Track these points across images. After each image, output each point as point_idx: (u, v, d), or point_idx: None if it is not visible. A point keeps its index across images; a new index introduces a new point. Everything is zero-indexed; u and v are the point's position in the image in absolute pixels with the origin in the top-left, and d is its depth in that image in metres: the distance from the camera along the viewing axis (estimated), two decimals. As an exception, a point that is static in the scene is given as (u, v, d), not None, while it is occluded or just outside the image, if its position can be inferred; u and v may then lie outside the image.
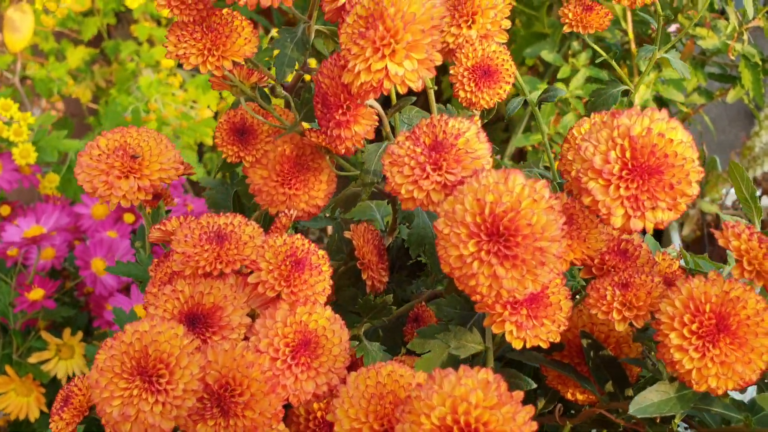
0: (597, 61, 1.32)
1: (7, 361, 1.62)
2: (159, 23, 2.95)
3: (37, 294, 1.52)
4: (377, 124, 0.78)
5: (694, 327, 0.66)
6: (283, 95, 0.88)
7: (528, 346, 0.72)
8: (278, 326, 0.73)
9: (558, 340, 0.73)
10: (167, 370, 0.66)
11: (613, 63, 1.10)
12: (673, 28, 2.29)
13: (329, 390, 0.74)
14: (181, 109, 2.35)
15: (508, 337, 0.72)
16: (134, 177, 0.85)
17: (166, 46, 0.81)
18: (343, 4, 0.82)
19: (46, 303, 1.52)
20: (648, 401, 0.69)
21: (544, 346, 0.73)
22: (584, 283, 0.88)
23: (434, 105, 0.82)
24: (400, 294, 1.10)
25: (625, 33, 2.17)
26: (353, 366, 0.80)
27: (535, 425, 0.63)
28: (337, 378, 0.74)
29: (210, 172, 2.41)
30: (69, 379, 1.66)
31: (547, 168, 1.11)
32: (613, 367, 0.81)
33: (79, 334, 1.62)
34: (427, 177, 0.71)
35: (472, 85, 0.89)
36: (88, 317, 1.79)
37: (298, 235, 0.78)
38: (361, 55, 0.70)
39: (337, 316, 0.76)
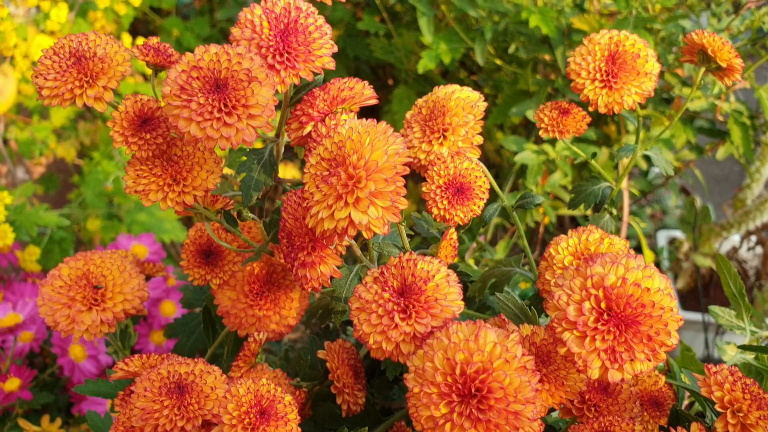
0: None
1: (-18, 453, 1.58)
2: (145, 78, 2.94)
3: (12, 384, 1.48)
4: (341, 262, 0.75)
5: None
6: (250, 217, 0.85)
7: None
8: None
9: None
10: None
11: (593, 164, 1.07)
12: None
13: None
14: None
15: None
16: (97, 310, 0.82)
17: (125, 180, 0.78)
18: (309, 132, 0.80)
19: (22, 394, 1.48)
20: None
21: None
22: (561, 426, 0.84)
23: (405, 240, 0.79)
24: (381, 401, 1.07)
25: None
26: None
27: None
28: None
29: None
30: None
31: (529, 267, 1.08)
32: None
33: (58, 421, 1.58)
34: (396, 327, 0.68)
35: (445, 202, 0.86)
36: (68, 399, 1.75)
37: (264, 380, 0.75)
38: (324, 201, 0.67)
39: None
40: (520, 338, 0.67)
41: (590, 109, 0.95)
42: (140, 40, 2.48)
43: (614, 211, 1.09)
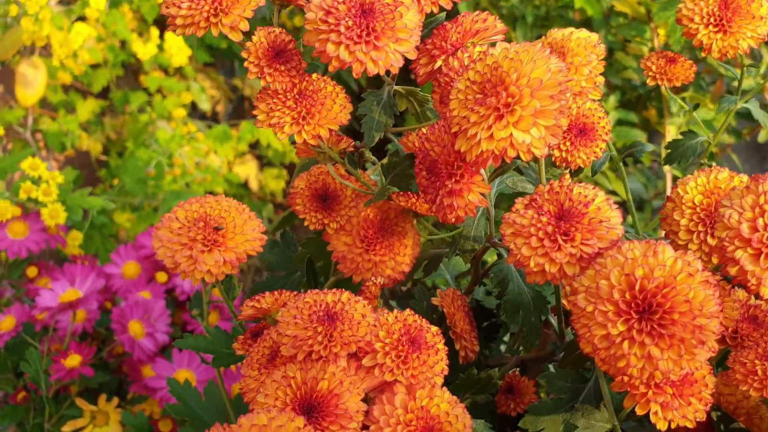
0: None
1: (39, 430, 1.55)
2: (167, 73, 2.92)
3: (74, 360, 1.45)
4: (490, 190, 0.73)
5: None
6: (372, 159, 0.83)
7: (673, 426, 0.67)
8: (399, 413, 0.67)
9: (704, 419, 0.67)
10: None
11: (695, 116, 1.06)
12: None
13: (456, 481, 0.68)
14: (204, 162, 2.31)
15: (653, 418, 0.66)
16: (219, 250, 0.80)
17: (255, 115, 0.77)
18: (439, 67, 0.78)
19: (83, 370, 1.45)
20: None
21: (691, 426, 0.67)
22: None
23: (544, 172, 0.77)
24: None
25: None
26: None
27: None
28: (464, 469, 0.69)
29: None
30: (105, 448, 1.59)
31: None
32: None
33: (115, 400, 1.55)
34: (560, 249, 0.66)
35: (568, 144, 0.84)
36: (119, 382, 1.72)
37: (408, 311, 0.73)
38: (482, 123, 0.65)
39: (455, 398, 0.71)
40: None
41: (703, 54, 0.94)
42: None
43: (713, 164, 1.08)
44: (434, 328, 0.73)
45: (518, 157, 0.66)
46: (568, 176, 0.91)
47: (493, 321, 1.10)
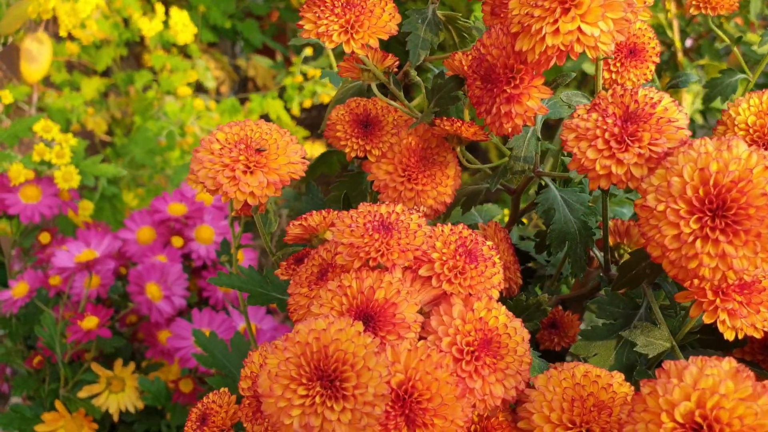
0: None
1: (54, 397, 1.52)
2: (169, 51, 2.89)
3: (91, 322, 1.42)
4: (550, 94, 0.71)
5: None
6: (417, 80, 0.81)
7: (740, 336, 0.65)
8: (457, 323, 0.65)
9: (771, 329, 0.65)
10: (353, 372, 0.58)
11: (735, 51, 1.03)
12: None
13: (517, 394, 0.65)
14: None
15: (720, 327, 0.64)
16: (262, 171, 0.77)
17: (302, 25, 0.74)
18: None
19: (101, 332, 1.42)
20: None
21: (758, 336, 0.65)
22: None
23: (600, 80, 0.74)
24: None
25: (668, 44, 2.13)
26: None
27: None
28: (524, 382, 0.66)
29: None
30: (121, 413, 1.56)
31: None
32: (805, 363, 0.73)
33: (131, 365, 1.52)
34: (627, 149, 0.63)
35: (618, 64, 0.82)
36: (132, 352, 1.69)
37: (462, 225, 0.71)
38: (548, 16, 0.63)
39: (510, 313, 0.68)
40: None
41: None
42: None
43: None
44: (489, 242, 0.70)
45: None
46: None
47: (528, 266, 1.08)
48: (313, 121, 3.08)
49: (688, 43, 2.26)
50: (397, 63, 0.82)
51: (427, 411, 0.61)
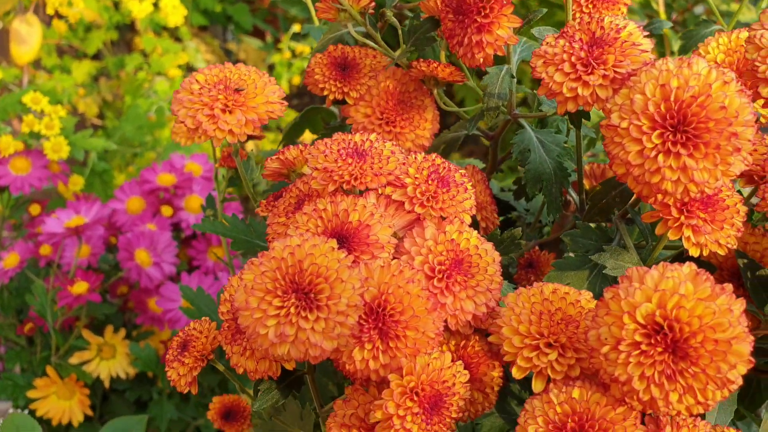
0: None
1: (46, 364, 1.53)
2: (159, 35, 2.90)
3: (81, 287, 1.44)
4: (520, 23, 0.72)
5: None
6: (393, 21, 0.83)
7: (705, 253, 0.67)
8: (429, 244, 0.67)
9: (735, 245, 0.67)
10: (327, 284, 0.60)
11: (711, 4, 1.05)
12: (700, 8, 2.28)
13: (488, 311, 0.67)
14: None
15: (685, 244, 0.66)
16: (240, 110, 0.79)
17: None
18: None
19: (91, 296, 1.44)
20: None
21: (722, 252, 0.67)
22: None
23: (570, 13, 0.76)
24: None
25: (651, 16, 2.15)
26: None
27: (751, 337, 0.57)
28: (494, 299, 0.68)
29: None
30: (112, 380, 1.58)
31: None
32: (772, 288, 0.75)
33: (122, 332, 1.54)
34: (592, 72, 0.65)
35: (590, 6, 0.84)
36: (123, 321, 1.71)
37: (434, 154, 0.72)
38: (514, -57, 0.65)
39: (482, 237, 0.70)
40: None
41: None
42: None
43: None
44: (462, 171, 0.72)
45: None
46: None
47: (508, 216, 1.10)
48: (304, 106, 3.10)
49: (674, 17, 2.28)
50: (373, 5, 0.83)
51: (399, 323, 0.62)
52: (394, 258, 0.67)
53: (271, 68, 2.69)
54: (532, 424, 0.60)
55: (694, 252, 0.66)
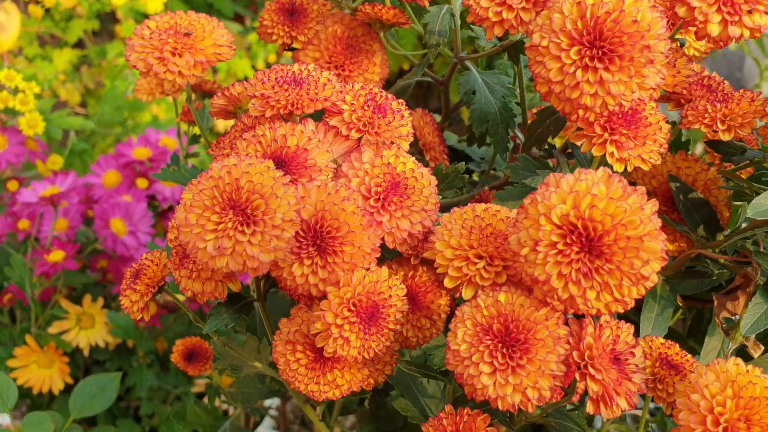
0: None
1: (26, 335, 1.56)
2: (139, 23, 2.92)
3: (57, 255, 1.47)
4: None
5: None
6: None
7: (629, 168, 0.70)
8: (366, 167, 0.70)
9: (659, 161, 0.70)
10: (263, 200, 0.63)
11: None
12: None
13: (424, 230, 0.70)
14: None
15: (609, 159, 0.69)
16: (189, 53, 0.82)
17: None
18: None
19: (67, 264, 1.47)
20: (764, 205, 0.66)
21: (645, 167, 0.70)
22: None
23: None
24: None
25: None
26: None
27: (663, 235, 0.60)
28: (430, 220, 0.71)
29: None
30: (93, 351, 1.61)
31: None
32: (703, 210, 0.78)
33: (100, 301, 1.57)
34: (516, -6, 0.68)
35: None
36: (103, 293, 1.73)
37: (372, 84, 0.75)
38: None
39: (419, 163, 0.73)
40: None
41: None
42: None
43: None
44: (400, 100, 0.75)
45: None
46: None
47: (467, 166, 1.12)
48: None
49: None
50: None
51: (336, 239, 0.65)
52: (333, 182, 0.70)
53: (249, 50, 2.71)
54: (461, 327, 0.63)
55: (618, 167, 0.69)
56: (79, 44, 2.91)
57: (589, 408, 0.61)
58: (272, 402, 1.41)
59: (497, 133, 0.91)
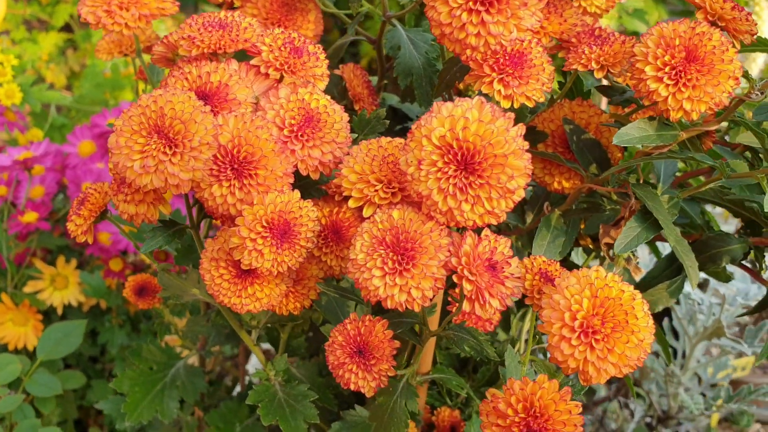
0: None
1: (1, 293, 1.64)
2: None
3: (30, 216, 1.55)
4: None
5: (666, 59, 0.73)
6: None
7: (516, 105, 0.78)
8: (282, 102, 0.78)
9: (543, 99, 0.79)
10: (183, 125, 0.71)
11: None
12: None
13: (334, 159, 0.79)
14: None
15: (496, 97, 0.77)
16: (135, 6, 0.90)
17: None
18: None
19: (40, 225, 1.55)
20: (630, 135, 0.75)
21: (530, 104, 0.78)
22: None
23: None
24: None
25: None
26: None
27: (527, 155, 0.68)
28: (341, 151, 0.79)
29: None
30: (68, 312, 1.69)
31: None
32: (595, 150, 0.87)
33: (74, 262, 1.65)
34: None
35: None
36: (79, 258, 1.81)
37: (291, 29, 0.84)
38: None
39: (333, 100, 0.82)
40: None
41: None
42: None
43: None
44: (318, 45, 0.83)
45: None
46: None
47: (405, 126, 1.21)
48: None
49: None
50: None
51: (251, 163, 0.74)
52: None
53: (196, 9, 2.79)
54: (359, 240, 0.72)
55: (505, 104, 0.78)
56: (66, 29, 2.99)
57: (465, 306, 0.69)
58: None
59: (421, 86, 0.99)
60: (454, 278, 0.69)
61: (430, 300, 0.70)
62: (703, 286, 1.59)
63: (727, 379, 1.51)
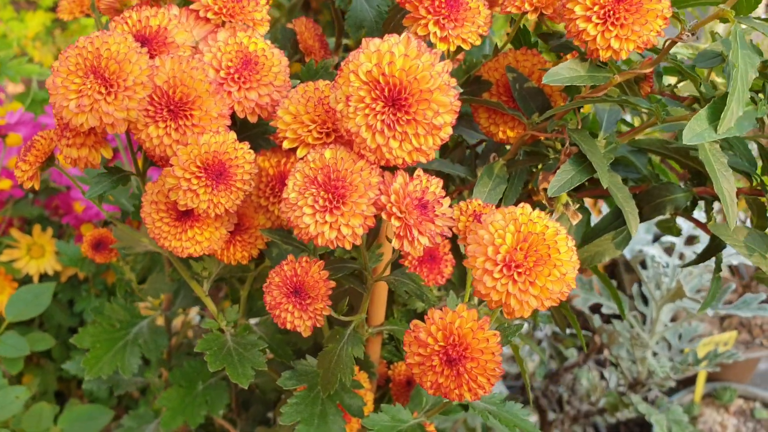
0: None
1: (-25, 263, 1.65)
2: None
3: (5, 184, 1.56)
4: None
5: (595, -2, 0.73)
6: None
7: (452, 48, 0.79)
8: (220, 45, 0.79)
9: (478, 42, 0.79)
10: (118, 65, 0.72)
11: None
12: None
13: (272, 102, 0.80)
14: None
15: (432, 39, 0.78)
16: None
17: None
18: None
19: (14, 192, 1.56)
20: (560, 74, 0.75)
21: (466, 47, 0.79)
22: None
23: None
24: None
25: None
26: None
27: (453, 91, 0.69)
28: (279, 94, 0.80)
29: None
30: (44, 277, 1.70)
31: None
32: (538, 98, 0.88)
33: (49, 231, 1.66)
34: None
35: None
36: (58, 230, 1.83)
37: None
38: None
39: (272, 44, 0.82)
40: None
41: None
42: None
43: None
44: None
45: None
46: None
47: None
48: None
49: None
50: None
51: (187, 104, 0.75)
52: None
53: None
54: (292, 179, 0.72)
55: (441, 46, 0.78)
56: (54, 9, 3.00)
57: (395, 243, 0.70)
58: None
59: (371, 35, 1.00)
60: (383, 215, 0.70)
61: (360, 237, 0.71)
62: (669, 250, 1.60)
63: (695, 344, 1.52)
